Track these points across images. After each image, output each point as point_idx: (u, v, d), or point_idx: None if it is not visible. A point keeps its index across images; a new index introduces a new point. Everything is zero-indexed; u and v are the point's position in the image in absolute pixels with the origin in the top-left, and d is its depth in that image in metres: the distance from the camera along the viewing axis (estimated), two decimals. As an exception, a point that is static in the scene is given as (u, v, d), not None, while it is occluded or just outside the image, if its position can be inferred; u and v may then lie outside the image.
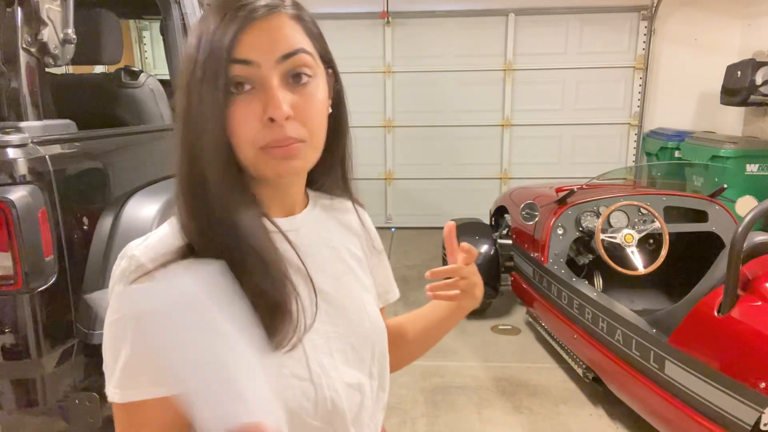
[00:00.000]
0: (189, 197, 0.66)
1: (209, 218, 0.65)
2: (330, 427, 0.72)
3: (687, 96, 5.67)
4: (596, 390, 2.74)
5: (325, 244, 0.78)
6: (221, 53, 0.62)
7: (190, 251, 0.66)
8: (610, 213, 2.97)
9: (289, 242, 0.72)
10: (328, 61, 0.72)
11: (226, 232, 0.65)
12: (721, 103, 4.96)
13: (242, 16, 0.63)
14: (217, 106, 0.63)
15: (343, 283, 0.77)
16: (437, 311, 0.92)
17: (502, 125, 5.92)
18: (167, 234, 0.68)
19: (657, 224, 2.90)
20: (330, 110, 0.73)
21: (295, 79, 0.65)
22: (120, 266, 0.66)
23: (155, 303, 0.56)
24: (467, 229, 3.79)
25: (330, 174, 0.80)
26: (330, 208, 0.82)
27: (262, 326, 0.64)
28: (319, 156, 0.72)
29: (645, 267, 2.81)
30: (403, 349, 0.93)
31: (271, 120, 0.63)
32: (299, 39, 0.66)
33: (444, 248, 4.19)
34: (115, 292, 0.65)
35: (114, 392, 0.64)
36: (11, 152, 1.46)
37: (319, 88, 0.68)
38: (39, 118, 1.61)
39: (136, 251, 0.66)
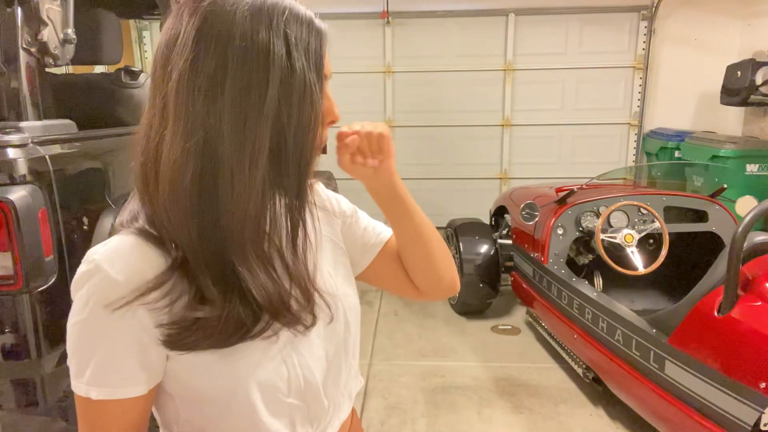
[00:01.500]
0: (197, 199, 0.64)
1: (219, 220, 0.64)
2: (303, 403, 0.75)
3: (687, 96, 5.67)
4: (596, 390, 2.74)
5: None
6: (320, 69, 0.67)
7: (170, 274, 0.65)
8: (610, 213, 2.96)
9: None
10: None
11: (227, 271, 0.65)
12: (721, 103, 4.95)
13: (323, 33, 0.68)
14: (319, 113, 0.68)
15: (308, 260, 0.77)
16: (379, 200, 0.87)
17: (502, 125, 5.92)
18: (128, 243, 0.67)
19: (657, 224, 2.90)
20: None
21: None
22: (81, 270, 0.65)
23: None
24: (467, 229, 3.79)
25: None
26: None
27: (250, 318, 0.66)
28: None
29: (645, 267, 2.81)
30: (412, 261, 0.90)
31: (331, 123, 0.72)
32: None
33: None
34: (79, 295, 0.64)
35: (87, 389, 0.65)
36: (11, 152, 1.46)
37: None
38: (39, 118, 1.61)
39: (99, 256, 0.65)
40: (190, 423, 0.72)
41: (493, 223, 4.20)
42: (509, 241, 3.66)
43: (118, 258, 0.64)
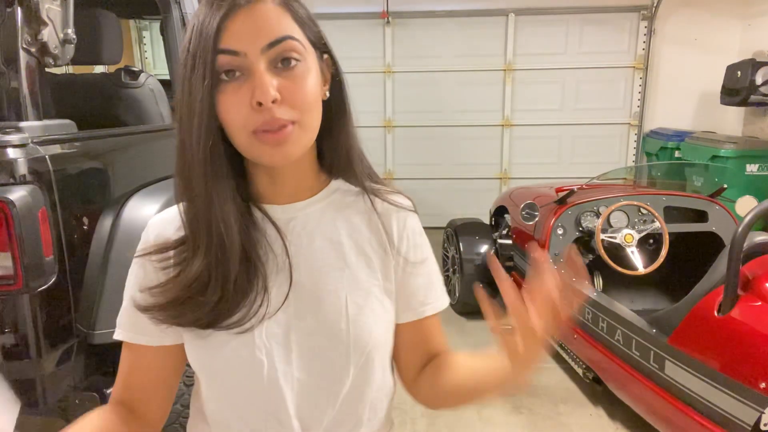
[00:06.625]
0: (179, 181, 0.70)
1: (191, 202, 0.70)
2: (273, 417, 0.73)
3: (687, 96, 5.67)
4: (596, 390, 2.74)
5: (322, 236, 0.76)
6: (208, 43, 0.64)
7: (183, 242, 0.73)
8: (610, 213, 2.96)
9: (279, 231, 0.74)
10: (321, 47, 0.73)
11: (201, 216, 0.69)
12: (721, 103, 4.95)
13: (227, 4, 0.64)
14: (204, 94, 0.64)
15: (327, 279, 0.74)
16: (483, 368, 0.77)
17: (502, 125, 5.92)
18: (174, 214, 0.75)
19: (657, 224, 2.90)
20: (327, 95, 0.74)
21: (283, 63, 0.66)
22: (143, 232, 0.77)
23: None
24: (467, 229, 3.79)
25: (337, 160, 0.79)
26: (350, 203, 0.80)
27: (215, 304, 0.69)
28: (313, 139, 0.72)
29: (645, 267, 2.80)
30: (434, 388, 0.82)
31: (259, 104, 0.64)
32: (285, 26, 0.67)
33: (444, 248, 4.19)
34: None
35: (118, 332, 0.77)
36: (11, 152, 1.46)
37: (309, 72, 0.69)
38: (39, 118, 1.60)
39: (151, 222, 0.77)
40: (197, 393, 0.80)
41: (493, 223, 4.20)
42: (509, 241, 3.65)
43: (160, 224, 0.76)
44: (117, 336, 0.76)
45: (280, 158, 0.68)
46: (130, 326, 0.75)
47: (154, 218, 0.77)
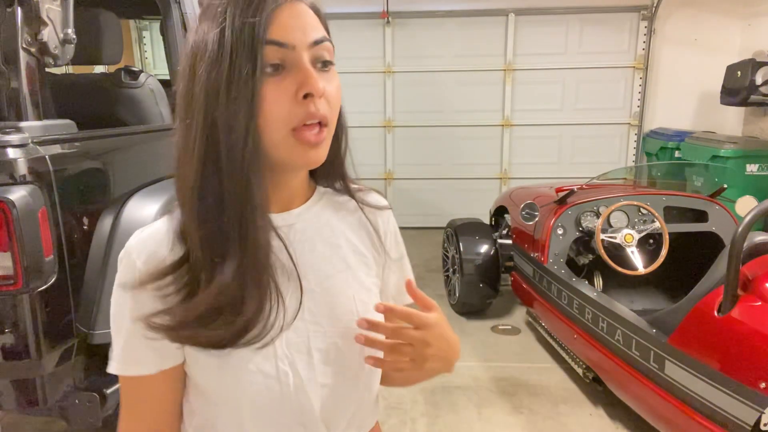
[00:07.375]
0: (203, 193, 0.65)
1: (216, 216, 0.65)
2: (300, 427, 0.73)
3: (687, 96, 5.67)
4: (596, 390, 2.74)
5: (322, 240, 0.77)
6: (256, 34, 0.61)
7: (183, 263, 0.67)
8: (610, 213, 2.97)
9: (282, 240, 0.72)
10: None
11: (232, 230, 0.65)
12: (721, 103, 4.96)
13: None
14: (253, 89, 0.61)
15: (334, 281, 0.76)
16: None
17: (502, 125, 5.92)
18: (161, 231, 0.70)
19: (657, 224, 2.90)
20: None
21: (321, 64, 0.67)
22: (120, 255, 0.71)
23: None
24: (467, 229, 3.79)
25: (330, 168, 0.78)
26: (339, 205, 0.81)
27: (233, 324, 0.66)
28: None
29: (645, 267, 2.81)
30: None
31: (305, 97, 0.63)
32: (321, 27, 0.68)
33: (444, 248, 4.19)
34: (115, 277, 0.70)
35: (114, 365, 0.71)
36: (11, 152, 1.46)
37: (336, 76, 0.69)
38: (39, 118, 1.60)
39: (133, 244, 0.70)
40: (192, 413, 0.75)
41: (493, 223, 4.20)
42: (509, 241, 3.66)
43: (146, 245, 0.69)
44: (115, 371, 0.72)
45: (314, 159, 0.67)
46: (127, 358, 0.71)
47: (136, 239, 0.71)
